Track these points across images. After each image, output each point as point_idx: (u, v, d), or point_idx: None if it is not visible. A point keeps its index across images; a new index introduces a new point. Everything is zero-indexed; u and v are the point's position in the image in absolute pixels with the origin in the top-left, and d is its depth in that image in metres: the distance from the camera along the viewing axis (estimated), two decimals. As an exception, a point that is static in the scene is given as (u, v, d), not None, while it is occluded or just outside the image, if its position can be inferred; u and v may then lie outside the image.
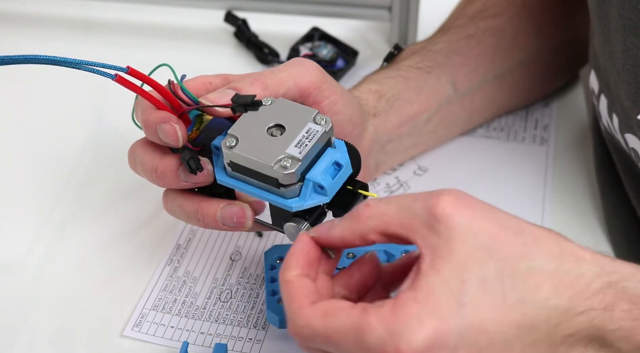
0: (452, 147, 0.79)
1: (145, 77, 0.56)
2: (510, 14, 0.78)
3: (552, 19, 0.79)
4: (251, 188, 0.56)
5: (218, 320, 0.64)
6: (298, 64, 0.61)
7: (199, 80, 0.60)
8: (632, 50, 0.61)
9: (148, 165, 0.59)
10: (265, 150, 0.55)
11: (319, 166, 0.55)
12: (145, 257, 0.69)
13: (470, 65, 0.75)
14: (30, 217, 0.73)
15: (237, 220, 0.58)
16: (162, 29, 0.93)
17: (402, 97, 0.71)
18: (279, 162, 0.54)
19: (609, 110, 0.66)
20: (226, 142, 0.55)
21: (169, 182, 0.59)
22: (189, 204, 0.60)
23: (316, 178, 0.55)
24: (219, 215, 0.59)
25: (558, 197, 0.74)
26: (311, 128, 0.55)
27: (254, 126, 0.56)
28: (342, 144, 0.57)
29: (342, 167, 0.56)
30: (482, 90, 0.76)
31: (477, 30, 0.77)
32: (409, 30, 0.89)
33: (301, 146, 0.55)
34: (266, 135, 0.56)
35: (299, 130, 0.55)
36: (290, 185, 0.55)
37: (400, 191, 0.74)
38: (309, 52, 0.87)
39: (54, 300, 0.66)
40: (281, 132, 0.56)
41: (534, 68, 0.79)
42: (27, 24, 0.93)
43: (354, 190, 0.57)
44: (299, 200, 0.55)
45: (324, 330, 0.47)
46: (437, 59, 0.74)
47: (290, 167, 0.54)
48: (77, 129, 0.82)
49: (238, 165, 0.56)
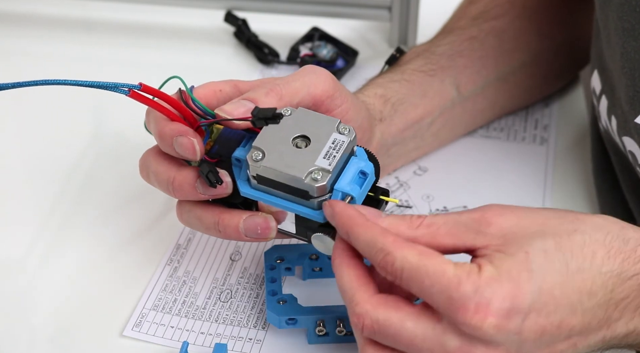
0: (452, 147, 0.79)
1: (158, 91, 0.55)
2: (513, 15, 0.78)
3: (553, 20, 0.79)
4: (278, 200, 0.56)
5: (218, 320, 0.64)
6: (311, 73, 0.61)
7: (209, 87, 0.60)
8: (630, 53, 0.61)
9: (164, 177, 0.59)
10: (294, 163, 0.54)
11: (345, 176, 0.55)
12: (145, 257, 0.69)
13: (473, 67, 0.75)
14: (31, 218, 0.73)
15: (261, 231, 0.58)
16: (162, 29, 0.93)
17: (407, 101, 0.71)
18: (309, 174, 0.54)
19: (608, 111, 0.66)
20: (252, 156, 0.55)
21: (187, 195, 0.59)
22: (208, 216, 0.59)
23: (345, 189, 0.55)
24: (241, 226, 0.58)
25: (558, 197, 0.74)
26: (337, 139, 0.55)
27: (278, 138, 0.56)
28: (362, 151, 0.57)
29: (367, 176, 0.56)
30: (484, 93, 0.76)
31: (480, 32, 0.77)
32: (409, 30, 0.89)
33: (329, 157, 0.55)
34: (292, 147, 0.55)
35: (325, 141, 0.55)
36: (321, 196, 0.55)
37: (400, 191, 0.74)
38: (309, 52, 0.87)
39: (54, 300, 0.66)
40: (306, 144, 0.56)
41: (535, 69, 0.79)
42: (27, 24, 0.93)
43: (375, 196, 0.57)
44: None
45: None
46: (440, 62, 0.74)
47: (322, 179, 0.54)
48: (78, 130, 0.82)
49: (265, 178, 0.55)
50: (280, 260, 0.65)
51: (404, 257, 0.50)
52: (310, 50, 0.87)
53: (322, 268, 0.66)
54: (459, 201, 0.73)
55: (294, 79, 0.60)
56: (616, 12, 0.61)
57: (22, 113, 0.85)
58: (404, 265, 0.50)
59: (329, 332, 0.61)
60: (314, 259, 0.66)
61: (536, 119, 0.82)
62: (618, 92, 0.64)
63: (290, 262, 0.65)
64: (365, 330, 0.51)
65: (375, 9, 0.89)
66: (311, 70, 0.61)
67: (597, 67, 0.69)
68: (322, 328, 0.61)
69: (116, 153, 0.78)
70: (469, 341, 0.49)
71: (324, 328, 0.61)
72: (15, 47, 0.91)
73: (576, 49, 0.81)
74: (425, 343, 0.50)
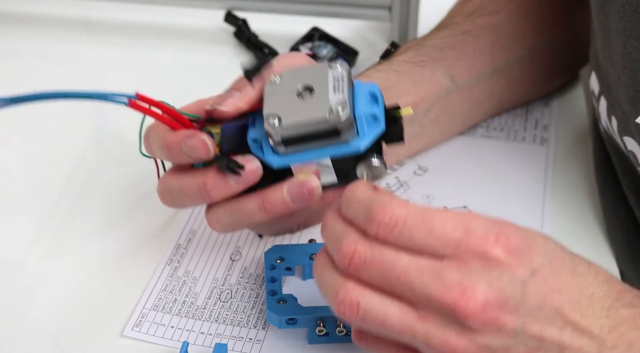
0: (452, 147, 0.79)
1: (154, 101, 0.56)
2: (509, 12, 0.78)
3: (551, 17, 0.79)
4: (311, 153, 0.56)
5: (218, 320, 0.64)
6: (287, 56, 0.62)
7: (197, 104, 0.60)
8: (632, 53, 0.61)
9: (192, 187, 0.59)
10: (312, 109, 0.55)
11: (359, 102, 0.56)
12: (145, 257, 0.69)
13: (466, 60, 0.75)
14: (31, 218, 0.73)
15: (307, 192, 0.58)
16: (162, 29, 0.93)
17: (395, 88, 0.71)
18: (331, 111, 0.54)
19: (608, 112, 0.66)
20: (269, 123, 0.55)
21: (222, 191, 0.58)
22: (248, 202, 0.59)
23: (366, 111, 0.56)
24: (286, 197, 0.58)
25: (558, 197, 0.74)
26: (334, 74, 0.56)
27: (283, 99, 0.56)
28: (358, 81, 0.58)
29: (377, 96, 0.57)
30: (481, 84, 0.76)
31: (474, 27, 0.77)
32: (409, 30, 0.89)
33: (338, 90, 0.55)
34: (300, 100, 0.56)
35: (326, 81, 0.56)
36: (349, 128, 0.55)
37: (400, 191, 0.74)
38: (309, 52, 0.87)
39: (54, 300, 0.66)
40: (311, 91, 0.56)
41: (532, 65, 0.79)
42: (27, 24, 0.93)
43: (391, 114, 0.57)
44: (361, 139, 0.56)
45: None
46: (431, 54, 0.74)
47: (343, 109, 0.54)
48: (79, 131, 0.82)
49: (291, 139, 0.56)
50: (280, 260, 0.65)
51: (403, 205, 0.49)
52: (310, 50, 0.87)
53: (322, 268, 0.66)
54: (459, 201, 0.73)
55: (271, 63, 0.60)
56: (617, 13, 0.61)
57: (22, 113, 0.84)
58: (409, 211, 0.48)
59: (329, 332, 0.61)
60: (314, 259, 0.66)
61: (536, 118, 0.82)
62: (617, 92, 0.64)
63: (290, 262, 0.65)
64: (352, 264, 0.48)
65: (375, 9, 0.89)
66: (287, 54, 0.62)
67: (595, 68, 0.69)
68: (322, 328, 0.61)
69: (117, 154, 0.78)
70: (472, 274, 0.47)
71: (324, 328, 0.61)
72: (15, 47, 0.91)
73: (575, 47, 0.81)
74: (421, 276, 0.47)
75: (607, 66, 0.65)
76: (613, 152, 0.70)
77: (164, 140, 0.58)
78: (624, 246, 0.70)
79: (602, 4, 0.64)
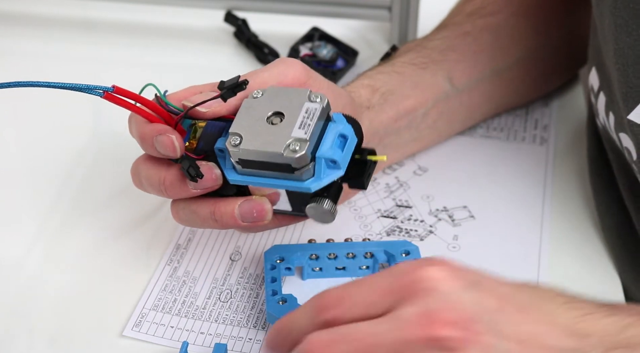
0: (452, 147, 0.79)
1: (132, 94, 0.56)
2: (508, 13, 0.78)
3: (550, 18, 0.79)
4: (265, 180, 0.56)
5: (218, 320, 0.64)
6: (281, 63, 0.61)
7: (190, 90, 0.61)
8: (624, 49, 0.61)
9: (155, 179, 0.59)
10: (271, 140, 0.55)
11: (325, 142, 0.56)
12: (145, 257, 0.69)
13: (466, 62, 0.75)
14: (30, 217, 0.73)
15: (257, 214, 0.58)
16: (162, 29, 0.93)
17: (397, 91, 0.71)
18: (287, 147, 0.54)
19: (606, 108, 0.66)
20: (230, 141, 0.55)
21: (179, 192, 0.59)
22: (202, 207, 0.60)
23: (327, 154, 0.55)
24: (237, 213, 0.58)
25: (557, 197, 0.74)
26: (309, 107, 0.56)
27: (253, 119, 0.56)
28: (340, 115, 0.58)
29: (347, 138, 0.56)
30: (479, 87, 0.76)
31: (474, 28, 0.77)
32: (409, 30, 0.89)
33: (304, 127, 0.55)
34: (267, 125, 0.56)
35: (298, 112, 0.55)
36: (304, 167, 0.55)
37: (400, 191, 0.74)
38: (309, 52, 0.87)
39: (54, 300, 0.66)
40: (281, 119, 0.56)
41: (531, 66, 0.79)
42: (27, 24, 0.93)
43: (362, 157, 0.57)
44: (315, 180, 0.55)
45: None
46: (432, 56, 0.74)
47: (300, 149, 0.54)
48: (76, 130, 0.82)
49: (247, 161, 0.56)
50: (280, 260, 0.65)
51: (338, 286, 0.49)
52: (310, 50, 0.87)
53: (322, 268, 0.66)
54: (458, 201, 0.73)
55: (263, 70, 0.60)
56: (609, 8, 0.61)
57: (22, 113, 0.85)
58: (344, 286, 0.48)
59: (328, 332, 0.61)
60: (314, 259, 0.66)
61: (536, 118, 0.82)
62: (614, 88, 0.64)
63: (290, 262, 0.65)
64: None
65: (375, 9, 0.89)
66: (281, 61, 0.61)
67: (596, 63, 0.69)
68: (322, 328, 0.61)
69: (115, 154, 0.78)
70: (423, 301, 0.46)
71: (323, 328, 0.61)
72: (15, 47, 0.91)
73: (574, 48, 0.81)
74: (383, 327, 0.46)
75: (608, 62, 0.65)
76: (609, 149, 0.70)
77: (139, 130, 0.58)
78: (618, 246, 0.70)
79: (598, 1, 0.64)
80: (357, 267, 0.66)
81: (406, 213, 0.72)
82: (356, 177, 0.57)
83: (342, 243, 0.67)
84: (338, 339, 0.47)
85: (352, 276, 0.67)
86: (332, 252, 0.66)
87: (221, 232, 0.71)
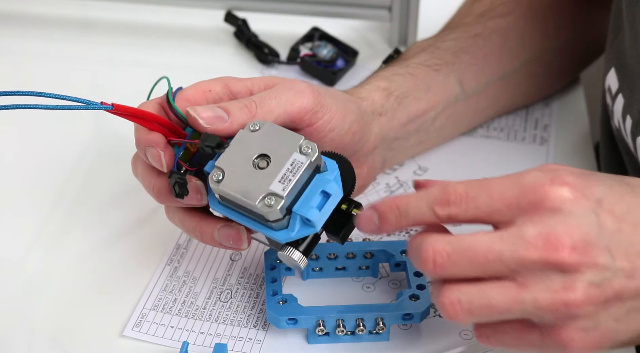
0: (452, 147, 0.79)
1: (132, 109, 0.56)
2: (518, 14, 0.78)
3: (558, 20, 0.79)
4: (242, 218, 0.56)
5: (218, 320, 0.64)
6: (288, 90, 0.60)
7: (199, 88, 0.60)
8: None
9: (146, 182, 0.60)
10: (250, 187, 0.54)
11: (306, 197, 0.55)
12: (145, 257, 0.69)
13: (477, 65, 0.75)
14: (30, 217, 0.73)
15: (233, 242, 0.59)
16: (162, 29, 0.93)
17: (411, 94, 0.71)
18: (262, 200, 0.54)
19: (624, 110, 0.66)
20: (213, 176, 0.55)
21: (165, 201, 0.60)
22: (188, 220, 0.60)
23: (302, 212, 0.55)
24: (216, 235, 0.59)
25: (558, 197, 0.74)
26: (296, 159, 0.55)
27: (240, 157, 0.56)
28: (334, 164, 0.57)
29: (330, 196, 0.55)
30: (487, 91, 0.76)
31: (485, 29, 0.77)
32: (409, 30, 0.89)
33: (285, 181, 0.54)
34: (251, 168, 0.55)
35: (284, 163, 0.55)
36: (277, 220, 0.54)
37: (400, 191, 0.74)
38: (309, 52, 0.87)
39: (54, 300, 0.66)
40: (267, 163, 0.55)
41: (538, 68, 0.79)
42: (27, 24, 0.93)
43: (348, 210, 0.57)
44: (287, 232, 0.55)
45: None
46: (445, 57, 0.74)
47: (275, 205, 0.53)
48: (77, 129, 0.81)
49: (226, 199, 0.56)
50: (280, 260, 0.65)
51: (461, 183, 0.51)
52: (310, 50, 0.87)
53: (322, 268, 0.66)
54: (459, 201, 0.73)
55: (271, 96, 0.60)
56: None
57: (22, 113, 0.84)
58: (467, 185, 0.51)
59: (329, 332, 0.61)
60: (314, 259, 0.66)
61: (536, 119, 0.82)
62: (638, 91, 0.63)
63: (290, 262, 0.65)
64: (437, 265, 0.50)
65: (375, 9, 0.89)
66: (289, 87, 0.61)
67: (616, 65, 0.68)
68: (322, 328, 0.61)
69: (117, 155, 0.78)
70: (546, 221, 0.49)
71: (324, 328, 0.61)
72: (15, 47, 0.91)
73: (579, 50, 0.81)
74: (504, 244, 0.49)
75: (634, 65, 0.65)
76: (624, 151, 0.70)
77: (136, 137, 0.59)
78: None
79: (629, 3, 0.64)
80: (357, 267, 0.66)
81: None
82: (335, 229, 0.57)
83: (342, 243, 0.67)
84: (459, 252, 0.50)
85: (352, 276, 0.67)
86: (332, 252, 0.66)
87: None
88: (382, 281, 0.67)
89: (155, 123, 0.58)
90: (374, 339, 0.62)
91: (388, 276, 0.67)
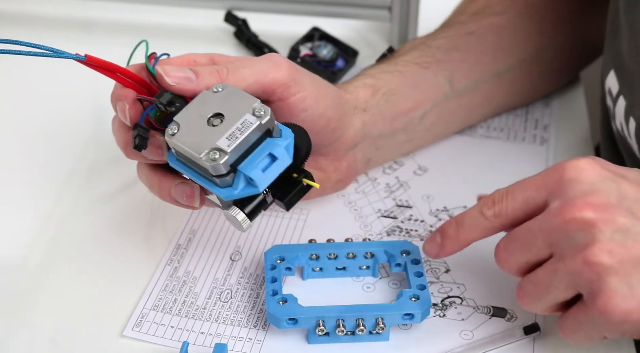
0: (452, 147, 0.79)
1: (105, 62, 0.57)
2: (513, 13, 0.78)
3: (555, 19, 0.79)
4: (192, 174, 0.57)
5: (218, 320, 0.64)
6: (265, 60, 0.61)
7: (185, 57, 0.61)
8: None
9: (117, 137, 0.61)
10: (199, 141, 0.55)
11: (252, 158, 0.56)
12: (145, 257, 0.69)
13: (469, 62, 0.75)
14: (31, 217, 0.73)
15: (186, 198, 0.60)
16: (162, 29, 0.93)
17: (398, 92, 0.71)
18: (207, 154, 0.54)
19: (626, 113, 0.66)
20: (169, 130, 0.56)
21: (131, 155, 0.61)
22: (152, 175, 0.61)
23: (245, 170, 0.55)
24: (173, 191, 0.60)
25: (558, 197, 0.74)
26: (247, 120, 0.55)
27: (197, 114, 0.57)
28: (289, 132, 0.57)
29: (276, 159, 0.56)
30: (480, 88, 0.76)
31: (478, 27, 0.76)
32: (409, 30, 0.89)
33: (232, 138, 0.55)
34: (205, 124, 0.56)
35: (235, 121, 0.55)
36: (221, 176, 0.55)
37: (400, 191, 0.74)
38: (309, 52, 0.87)
39: (54, 300, 0.66)
40: (220, 121, 0.56)
41: (534, 67, 0.79)
42: (28, 24, 0.93)
43: (298, 178, 0.57)
44: (230, 190, 0.56)
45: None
46: (435, 55, 0.74)
47: (218, 159, 0.54)
48: (79, 130, 0.82)
49: (178, 153, 0.57)
50: (280, 260, 0.65)
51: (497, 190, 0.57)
52: (310, 50, 0.87)
53: (322, 268, 0.66)
54: (459, 201, 0.73)
55: (245, 65, 0.60)
56: None
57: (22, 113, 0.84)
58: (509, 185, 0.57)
59: (329, 332, 0.61)
60: (314, 259, 0.66)
61: (536, 119, 0.82)
62: (638, 93, 0.63)
63: (290, 262, 0.65)
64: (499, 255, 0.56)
65: (375, 9, 0.89)
66: (267, 58, 0.61)
67: (615, 67, 0.68)
68: (322, 328, 0.61)
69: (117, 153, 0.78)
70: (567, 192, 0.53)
71: (324, 328, 0.61)
72: (15, 47, 0.91)
73: (579, 49, 0.81)
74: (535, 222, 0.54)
75: (633, 67, 0.64)
76: (626, 154, 0.70)
77: (112, 91, 0.60)
78: None
79: (627, 5, 0.64)
80: (357, 267, 0.66)
81: (406, 213, 0.72)
82: (281, 195, 0.57)
83: (342, 243, 0.67)
84: (510, 239, 0.56)
85: (353, 276, 0.67)
86: (332, 252, 0.66)
87: (222, 231, 0.71)
88: (382, 281, 0.67)
89: (129, 79, 0.59)
90: (374, 339, 0.62)
91: (388, 276, 0.67)
